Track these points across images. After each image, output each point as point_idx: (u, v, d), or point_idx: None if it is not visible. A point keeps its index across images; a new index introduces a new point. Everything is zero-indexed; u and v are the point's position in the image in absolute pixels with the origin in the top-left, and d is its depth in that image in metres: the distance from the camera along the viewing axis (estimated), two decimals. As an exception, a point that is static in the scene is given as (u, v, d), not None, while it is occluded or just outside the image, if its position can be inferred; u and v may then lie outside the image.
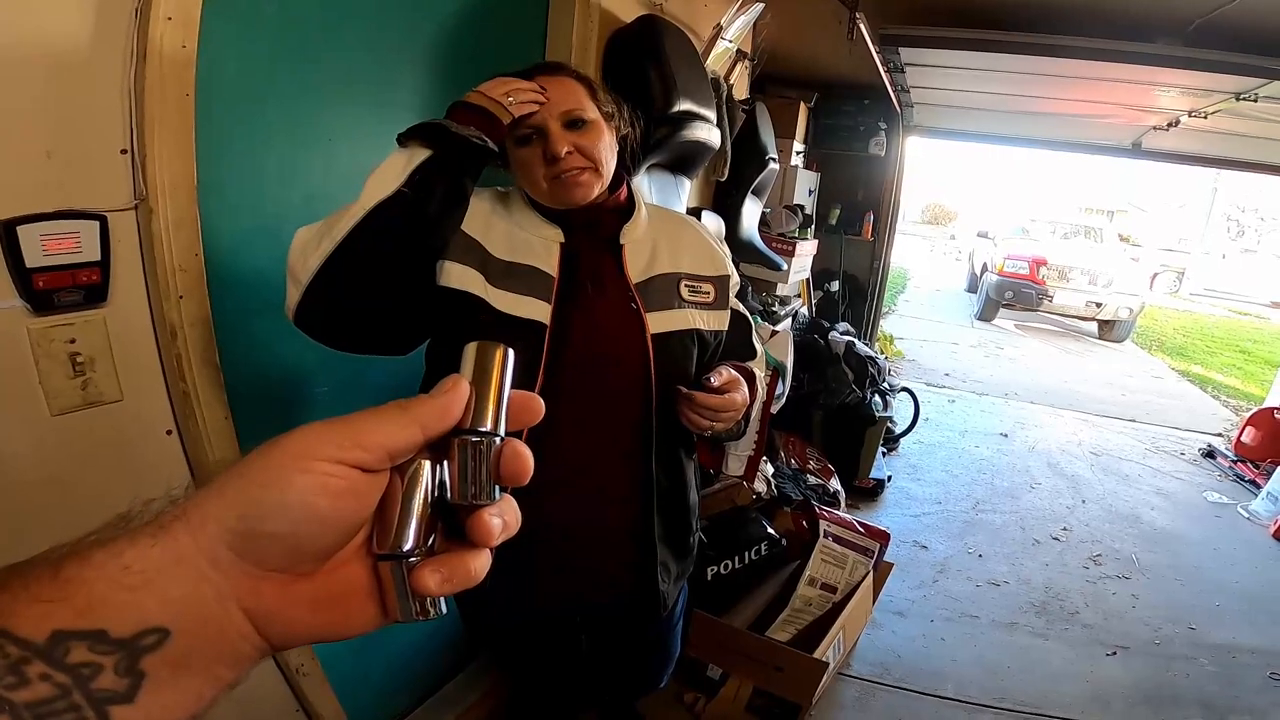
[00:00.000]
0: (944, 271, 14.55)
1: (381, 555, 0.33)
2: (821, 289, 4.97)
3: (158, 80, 0.88)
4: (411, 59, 1.38)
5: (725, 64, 2.83)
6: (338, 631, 0.34)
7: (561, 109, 1.00)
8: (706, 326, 1.11)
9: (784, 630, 2.19)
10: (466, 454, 0.34)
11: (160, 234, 0.92)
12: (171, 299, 0.94)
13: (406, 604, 0.33)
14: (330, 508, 0.31)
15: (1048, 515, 3.71)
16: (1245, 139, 4.06)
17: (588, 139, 1.02)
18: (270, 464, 0.30)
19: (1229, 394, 7.09)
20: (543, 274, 1.03)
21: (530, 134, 1.00)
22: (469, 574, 0.34)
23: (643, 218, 1.13)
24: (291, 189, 1.17)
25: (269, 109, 1.11)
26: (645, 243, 1.11)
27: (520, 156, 1.03)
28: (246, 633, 0.30)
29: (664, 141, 1.89)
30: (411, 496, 0.33)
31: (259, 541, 0.30)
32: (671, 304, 1.08)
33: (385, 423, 0.32)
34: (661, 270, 1.10)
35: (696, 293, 1.12)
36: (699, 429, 1.05)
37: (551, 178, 1.01)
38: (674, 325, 1.08)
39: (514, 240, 1.05)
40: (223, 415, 1.04)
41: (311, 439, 0.31)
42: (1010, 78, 3.53)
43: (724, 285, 1.17)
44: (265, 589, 0.30)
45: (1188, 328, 11.41)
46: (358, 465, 0.31)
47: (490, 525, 0.34)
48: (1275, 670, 2.49)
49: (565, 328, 1.02)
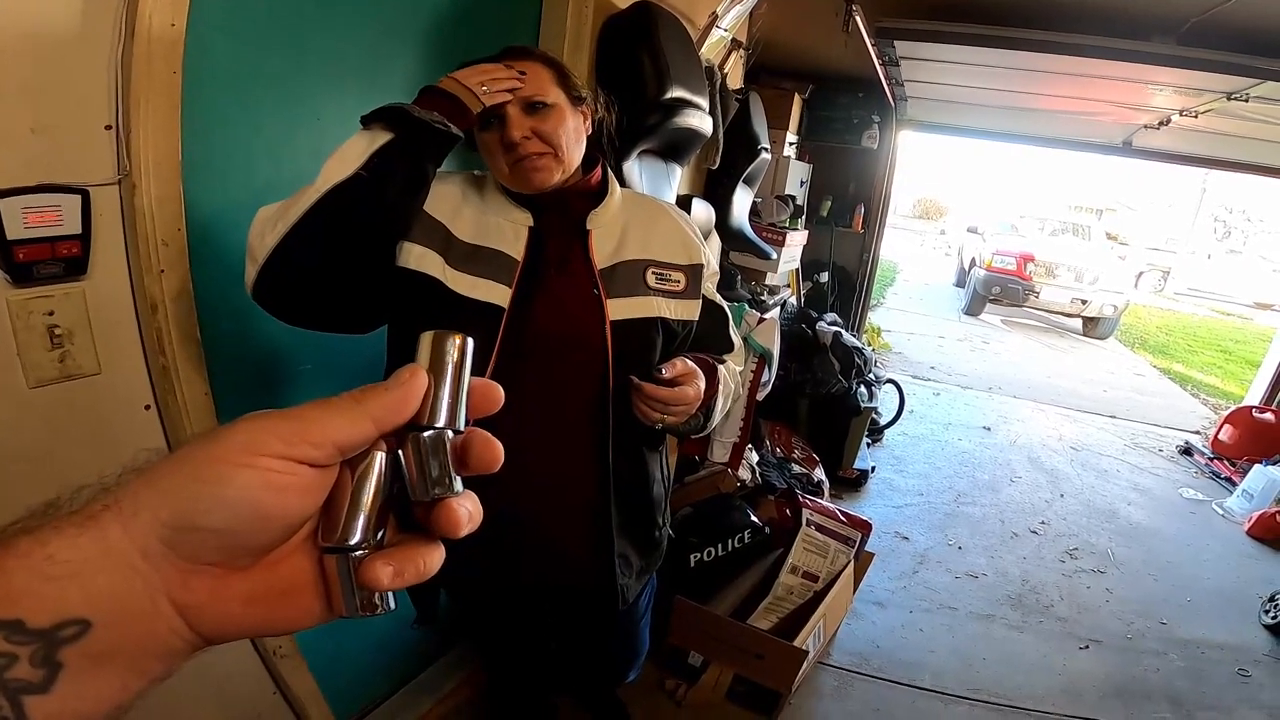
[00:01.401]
0: (933, 266, 14.60)
1: (327, 548, 0.32)
2: (811, 280, 4.98)
3: (145, 58, 0.88)
4: (403, 39, 1.37)
5: (720, 53, 2.82)
6: (278, 626, 0.33)
7: (521, 95, 1.00)
8: (674, 315, 1.10)
9: (765, 618, 2.21)
10: (424, 449, 0.33)
11: (143, 209, 0.91)
12: (153, 273, 0.93)
13: (352, 598, 0.32)
14: (275, 503, 0.30)
15: (1027, 509, 3.76)
16: (1235, 139, 4.09)
17: (548, 124, 1.01)
18: (212, 456, 0.29)
19: (1209, 392, 7.19)
20: (507, 257, 1.03)
21: (491, 119, 1.00)
22: (421, 568, 0.33)
23: (615, 203, 1.11)
24: (280, 167, 1.16)
25: (258, 87, 1.10)
26: (615, 228, 1.10)
27: (483, 140, 1.03)
28: (176, 626, 0.29)
29: (656, 128, 1.88)
30: (362, 490, 0.32)
31: (195, 535, 0.29)
32: (636, 291, 1.07)
33: (336, 417, 0.31)
34: (629, 256, 1.08)
35: (665, 280, 1.10)
36: (649, 421, 1.02)
37: (511, 163, 1.01)
38: (636, 312, 1.06)
39: (483, 223, 1.05)
40: (203, 391, 1.04)
41: (257, 433, 0.30)
42: (1004, 73, 3.54)
43: (696, 274, 1.14)
44: (197, 583, 0.29)
45: (1171, 326, 11.54)
46: (306, 461, 0.30)
47: (459, 515, 0.33)
48: (1243, 667, 2.54)
49: (524, 312, 1.01)
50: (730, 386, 1.15)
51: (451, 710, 1.93)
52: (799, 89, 4.18)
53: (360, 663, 1.71)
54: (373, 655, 1.75)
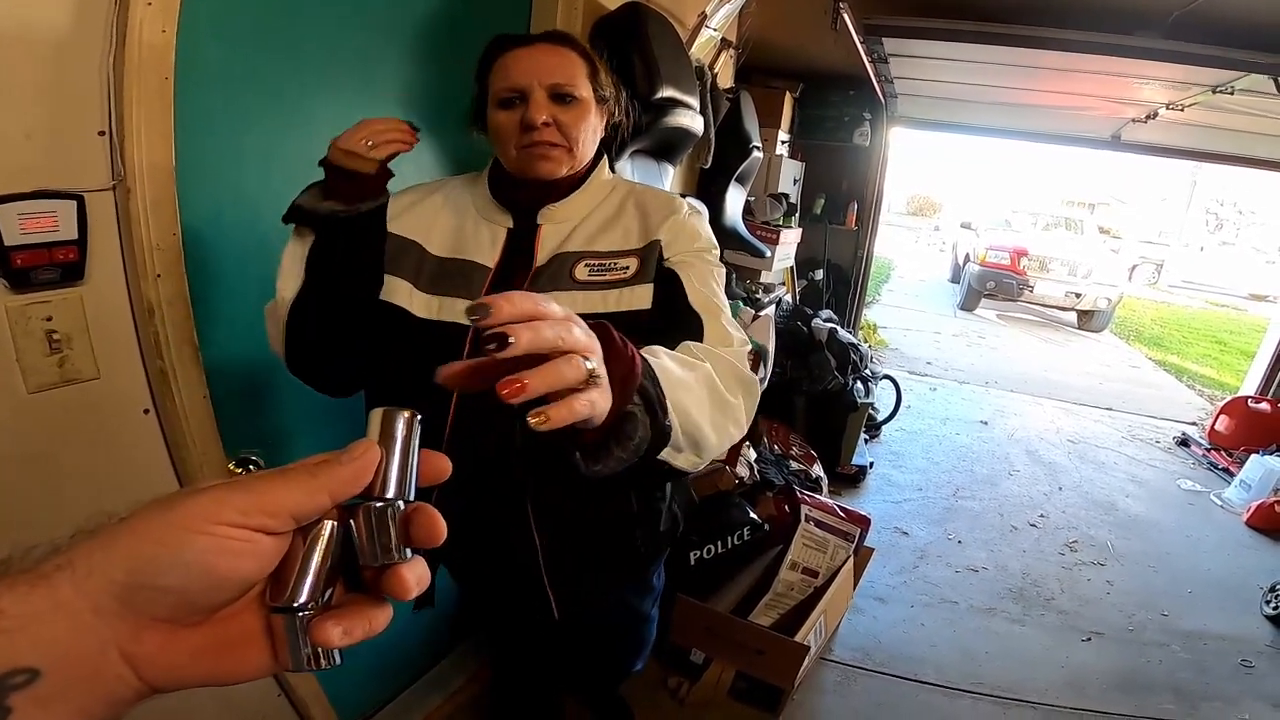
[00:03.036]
0: (928, 262, 14.66)
1: (275, 608, 0.33)
2: (806, 277, 5.00)
3: (136, 65, 0.88)
4: (394, 41, 1.37)
5: (710, 52, 2.83)
6: (225, 678, 0.34)
7: (551, 80, 0.96)
8: (605, 308, 0.97)
9: (766, 615, 2.22)
10: (373, 520, 0.35)
11: (138, 213, 0.92)
12: (149, 277, 0.93)
13: (298, 654, 0.33)
14: (229, 567, 0.31)
15: (1026, 502, 3.77)
16: (1221, 131, 4.12)
17: (570, 116, 0.98)
18: (170, 522, 0.30)
19: (1204, 383, 7.22)
20: (478, 268, 1.00)
21: (514, 97, 0.97)
22: (369, 627, 0.35)
23: (587, 196, 1.04)
24: (272, 171, 1.17)
25: (250, 92, 1.10)
26: (570, 222, 1.03)
27: (498, 120, 0.98)
28: (124, 675, 0.31)
29: (647, 127, 1.89)
30: (311, 555, 0.34)
31: (149, 594, 0.30)
32: (556, 285, 0.98)
33: (293, 489, 0.33)
34: (567, 249, 1.00)
35: (604, 271, 0.99)
36: (506, 399, 0.51)
37: (522, 146, 0.97)
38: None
39: (462, 232, 1.03)
40: (201, 394, 1.04)
41: (214, 503, 0.31)
42: (993, 69, 3.56)
43: (650, 253, 0.99)
44: (147, 636, 0.31)
45: (1165, 318, 11.58)
46: (261, 530, 0.32)
47: (407, 582, 0.35)
48: (1246, 658, 2.54)
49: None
50: (679, 372, 0.70)
51: (459, 707, 1.93)
52: (790, 88, 4.20)
53: (367, 664, 1.72)
54: (379, 655, 1.75)
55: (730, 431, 0.80)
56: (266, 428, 1.28)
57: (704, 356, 0.78)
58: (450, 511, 1.13)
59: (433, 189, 1.08)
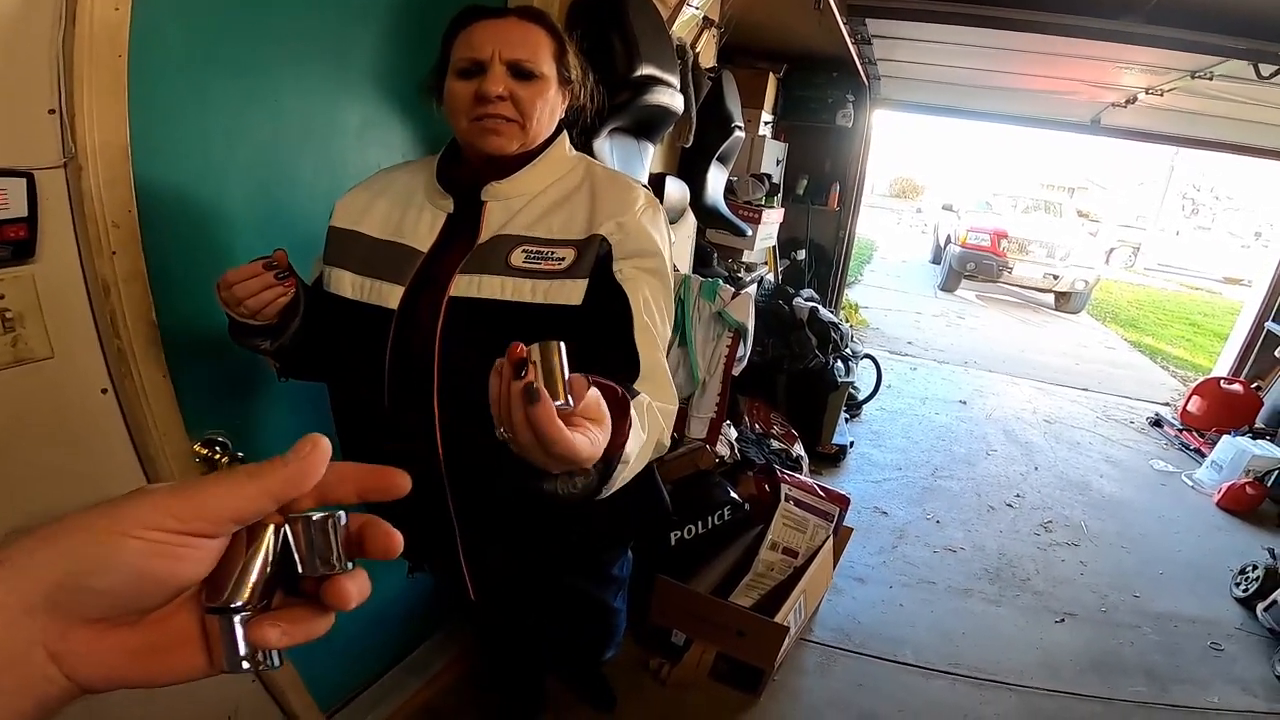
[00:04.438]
0: (910, 243, 14.76)
1: (211, 609, 0.32)
2: (788, 257, 5.01)
3: (87, 43, 0.86)
4: (366, 20, 1.33)
5: (691, 31, 2.79)
6: (159, 679, 0.33)
7: (513, 54, 0.94)
8: (531, 298, 0.92)
9: (747, 595, 2.23)
10: (313, 529, 0.33)
11: (91, 191, 0.88)
12: (104, 255, 0.90)
13: (234, 656, 0.32)
14: (166, 570, 0.31)
15: (1002, 482, 3.82)
16: (1200, 117, 4.16)
17: (528, 92, 0.96)
18: (106, 526, 0.30)
19: (1178, 364, 7.36)
20: (410, 252, 0.99)
21: (473, 68, 0.94)
22: (309, 630, 0.34)
23: (532, 175, 1.01)
24: (237, 148, 1.13)
25: (212, 70, 1.06)
26: (518, 201, 1.00)
27: (454, 88, 0.96)
28: (51, 675, 0.30)
29: (625, 105, 1.85)
30: (252, 559, 0.33)
31: (81, 595, 0.30)
32: (488, 268, 0.94)
33: (233, 495, 0.32)
34: (508, 231, 0.97)
35: (540, 259, 0.94)
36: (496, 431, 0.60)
37: (474, 118, 0.95)
38: (479, 291, 0.93)
39: (403, 217, 1.02)
40: (160, 374, 1.01)
41: (152, 509, 0.30)
42: (975, 52, 3.56)
43: (589, 247, 0.94)
44: (77, 636, 0.30)
45: (1141, 301, 11.76)
46: (200, 535, 0.31)
47: (347, 593, 0.34)
48: (1215, 640, 2.59)
49: (414, 309, 0.97)
50: (643, 436, 0.74)
51: (440, 691, 1.93)
52: (773, 68, 4.16)
53: (345, 646, 1.70)
54: (358, 638, 1.74)
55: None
56: (232, 406, 1.25)
57: (652, 419, 0.78)
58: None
59: (390, 181, 1.07)
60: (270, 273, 0.91)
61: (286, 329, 0.99)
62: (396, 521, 0.31)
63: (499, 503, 1.05)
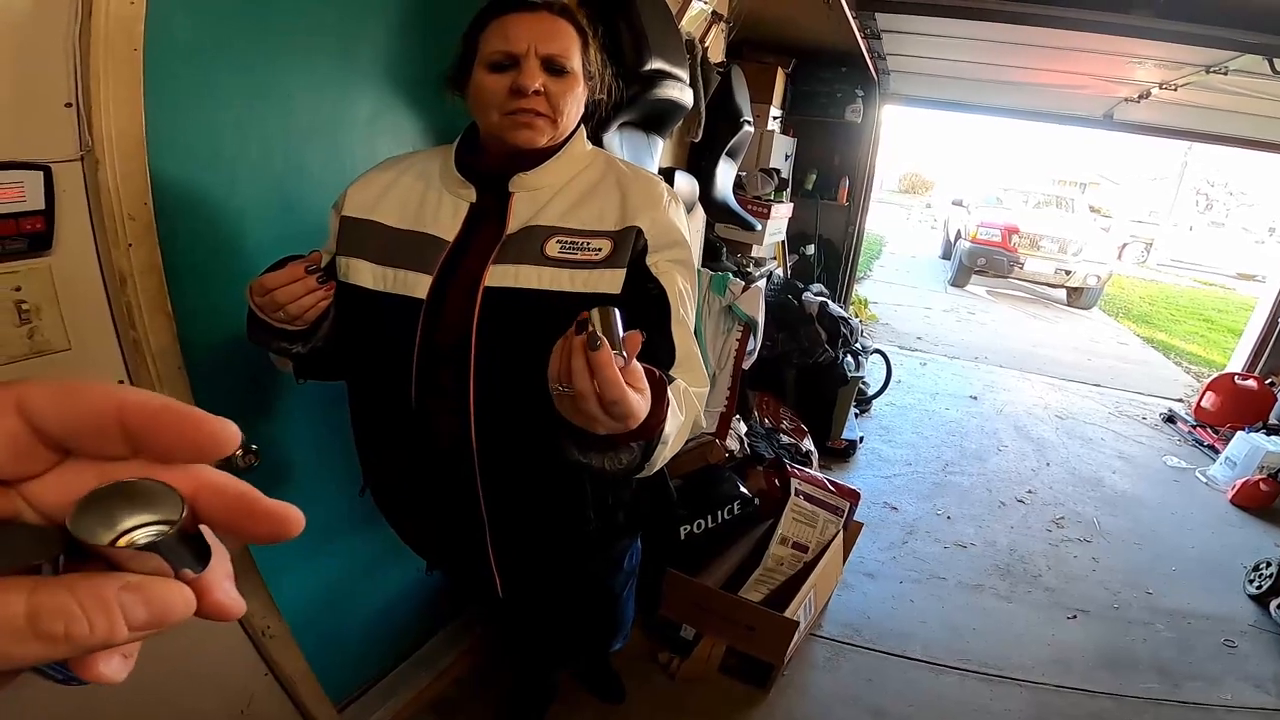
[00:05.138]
0: (919, 239, 14.67)
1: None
2: (797, 252, 5.00)
3: (103, 36, 0.86)
4: (375, 11, 1.33)
5: (700, 26, 2.79)
6: None
7: (546, 50, 0.94)
8: (570, 288, 0.93)
9: (756, 590, 2.23)
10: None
11: (107, 184, 0.89)
12: (120, 247, 0.91)
13: None
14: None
15: (1013, 478, 3.80)
16: (1214, 112, 4.11)
17: (560, 87, 0.96)
18: None
19: (1191, 360, 7.29)
20: (435, 241, 0.98)
21: (506, 61, 0.94)
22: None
23: (561, 165, 1.01)
24: (248, 142, 1.14)
25: (224, 63, 1.07)
26: (544, 192, 1.00)
27: (485, 82, 0.95)
28: None
29: (635, 99, 1.85)
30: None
31: None
32: (525, 258, 0.94)
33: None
34: (540, 222, 0.97)
35: (575, 250, 0.95)
36: (552, 388, 0.65)
37: (507, 112, 0.95)
38: (516, 281, 0.93)
39: (422, 206, 1.01)
40: (176, 365, 1.02)
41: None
42: (986, 46, 3.54)
43: (628, 239, 0.95)
44: None
45: (1154, 296, 11.66)
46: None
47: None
48: (1229, 637, 2.57)
49: (442, 299, 0.97)
50: (680, 418, 0.80)
51: (450, 684, 1.94)
52: (782, 63, 4.14)
53: (357, 641, 1.72)
54: (369, 633, 1.75)
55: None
56: (249, 398, 1.25)
57: (688, 402, 0.85)
58: (404, 489, 1.10)
59: (401, 169, 1.06)
60: (311, 276, 0.90)
61: (318, 331, 0.97)
62: (421, 522, 0.29)
63: (531, 495, 1.06)
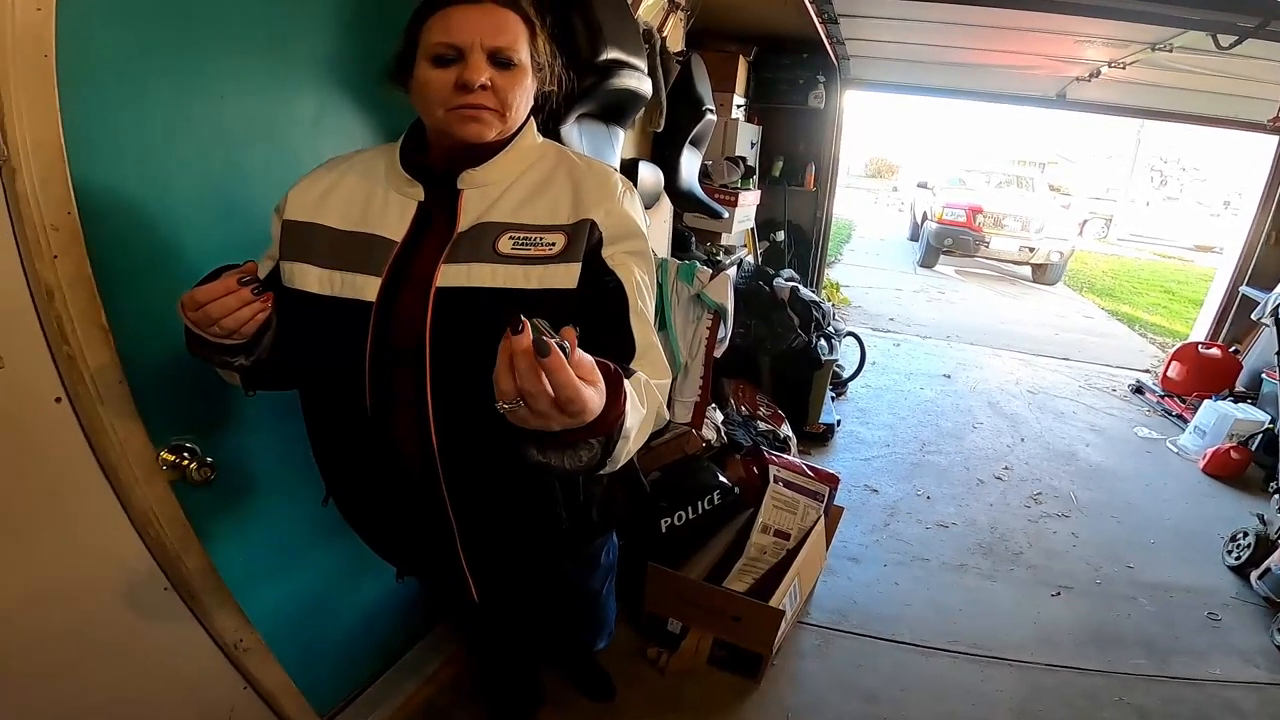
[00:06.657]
0: (887, 222, 14.82)
1: None
2: (767, 239, 5.02)
3: (9, 44, 0.81)
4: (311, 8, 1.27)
5: (658, 15, 2.76)
6: None
7: (493, 42, 0.89)
8: (525, 284, 0.91)
9: (741, 580, 2.20)
10: None
11: (26, 193, 0.83)
12: (45, 259, 0.85)
13: None
14: None
15: (990, 454, 3.83)
16: (1163, 89, 4.21)
17: (507, 80, 0.92)
18: None
19: (1155, 331, 7.44)
20: (383, 242, 0.94)
21: (450, 55, 0.89)
22: None
23: (510, 160, 0.98)
24: (180, 144, 1.08)
25: (147, 66, 1.01)
26: (494, 188, 0.97)
27: (429, 77, 0.90)
28: None
29: (592, 90, 1.82)
30: None
31: None
32: (477, 256, 0.91)
33: None
34: (491, 218, 0.94)
35: (528, 245, 0.92)
36: (505, 398, 0.61)
37: (453, 107, 0.90)
38: (469, 280, 0.90)
39: (368, 206, 0.97)
40: (116, 379, 0.97)
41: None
42: (937, 28, 3.57)
43: (581, 231, 0.93)
44: None
45: (1115, 270, 11.87)
46: None
47: None
48: (1212, 610, 2.58)
49: (393, 301, 0.93)
50: (642, 411, 0.78)
51: (437, 690, 1.91)
52: (744, 51, 4.14)
53: (338, 650, 1.68)
54: (351, 641, 1.71)
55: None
56: (199, 410, 1.19)
57: (650, 394, 0.82)
58: (368, 498, 1.06)
59: (344, 169, 1.01)
60: (246, 288, 0.84)
61: (260, 343, 0.92)
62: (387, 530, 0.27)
63: (498, 496, 1.03)
